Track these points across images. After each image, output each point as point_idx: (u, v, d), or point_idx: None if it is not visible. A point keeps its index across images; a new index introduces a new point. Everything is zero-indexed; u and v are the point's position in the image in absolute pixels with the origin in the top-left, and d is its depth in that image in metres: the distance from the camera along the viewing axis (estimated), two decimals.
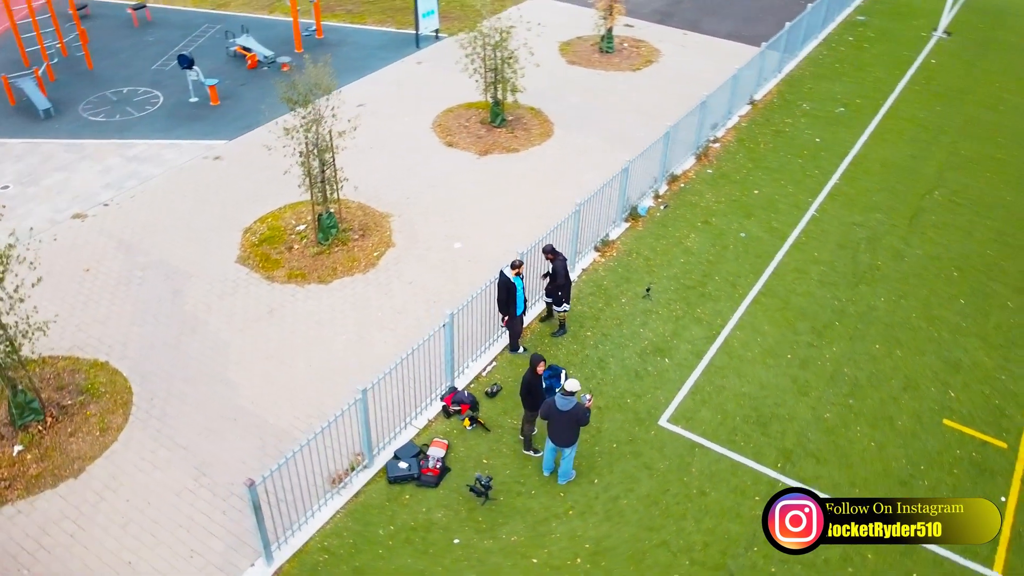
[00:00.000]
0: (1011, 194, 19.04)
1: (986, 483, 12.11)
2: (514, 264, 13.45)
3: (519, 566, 10.77)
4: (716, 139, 20.61)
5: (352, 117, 17.14)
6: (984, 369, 14.12)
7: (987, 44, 27.04)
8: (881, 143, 20.90)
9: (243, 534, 10.94)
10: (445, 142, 20.18)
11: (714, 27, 27.28)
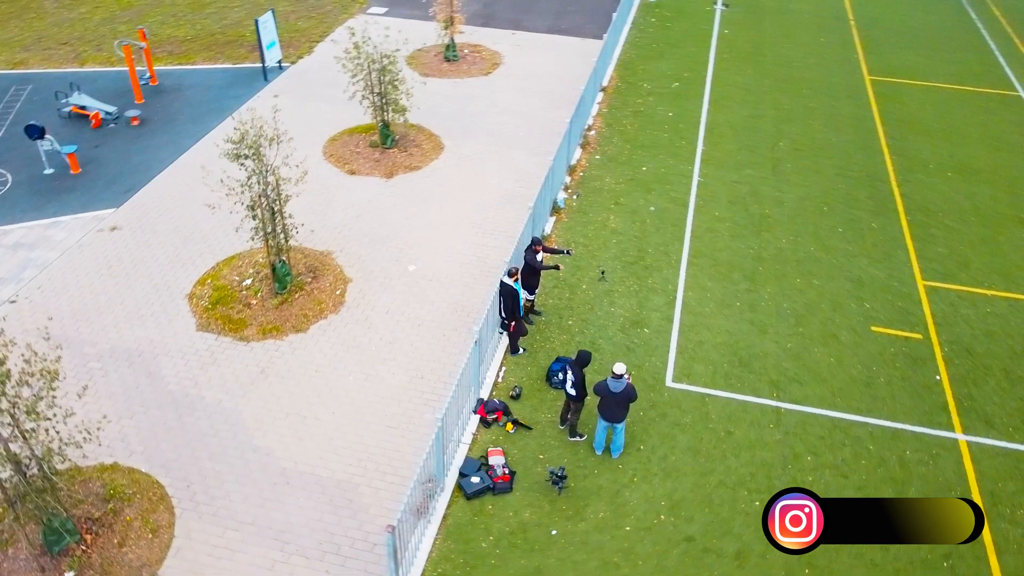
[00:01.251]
0: (833, 135, 22.80)
1: (920, 368, 15.04)
2: (511, 272, 14.34)
3: (616, 537, 11.89)
4: (590, 127, 22.48)
5: (299, 162, 16.83)
6: (879, 280, 17.24)
7: (759, 11, 31.44)
8: (720, 109, 23.96)
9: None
10: (346, 171, 20.22)
11: (535, 24, 29.18)
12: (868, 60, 27.50)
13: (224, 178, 14.98)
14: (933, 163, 21.59)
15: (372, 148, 21.02)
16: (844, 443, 13.51)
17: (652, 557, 11.65)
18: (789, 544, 8.13)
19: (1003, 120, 24.08)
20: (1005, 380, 14.89)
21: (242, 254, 17.11)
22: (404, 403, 13.84)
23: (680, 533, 12.00)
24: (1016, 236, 18.82)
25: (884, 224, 19.05)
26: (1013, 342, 15.75)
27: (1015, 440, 13.71)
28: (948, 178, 20.98)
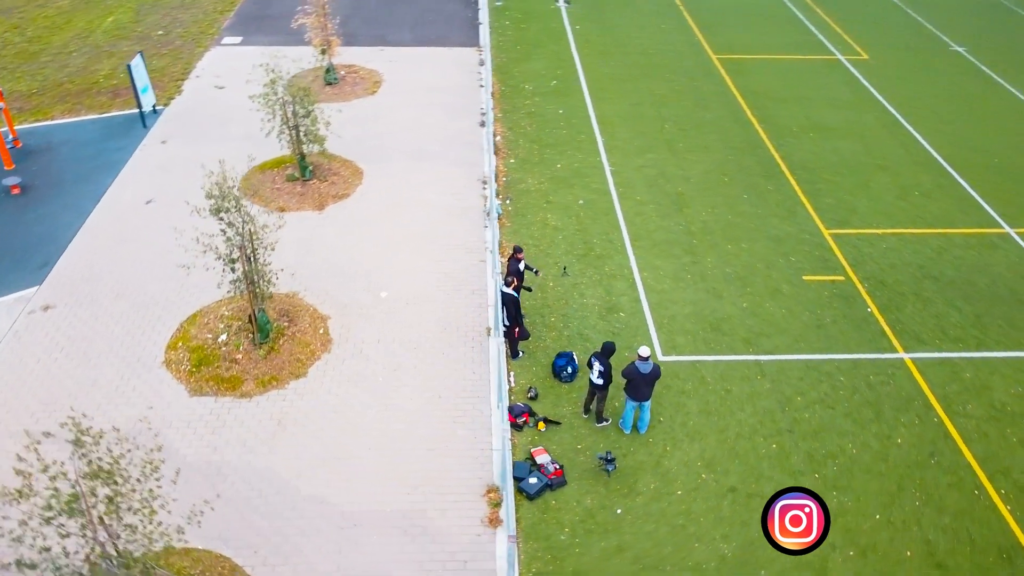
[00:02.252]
0: (705, 113, 25.20)
1: (853, 305, 17.42)
2: (508, 282, 15.01)
3: (672, 502, 13.04)
4: (495, 133, 23.36)
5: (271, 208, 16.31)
6: (792, 235, 19.59)
7: (599, 5, 33.62)
8: (602, 101, 25.66)
9: None
10: (275, 208, 19.73)
11: (399, 38, 29.47)
12: (709, 41, 30.40)
13: (200, 236, 14.40)
14: (795, 127, 24.54)
15: (291, 182, 20.63)
16: (820, 380, 15.50)
17: (708, 512, 12.93)
18: (789, 545, 7.81)
19: (835, 82, 27.69)
20: (918, 302, 17.61)
21: (204, 311, 16.43)
22: (433, 425, 14.15)
23: (723, 486, 13.36)
24: (882, 181, 21.97)
25: (778, 185, 21.54)
26: (912, 269, 18.59)
27: (943, 349, 16.35)
28: (812, 138, 23.97)
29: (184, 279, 17.07)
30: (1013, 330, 16.95)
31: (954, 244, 19.54)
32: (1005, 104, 26.81)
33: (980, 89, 27.79)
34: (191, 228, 18.18)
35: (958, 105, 26.51)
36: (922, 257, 19.00)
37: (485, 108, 24.16)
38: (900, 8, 35.02)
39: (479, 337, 16.02)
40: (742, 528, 12.69)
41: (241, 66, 26.62)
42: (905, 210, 20.74)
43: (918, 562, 12.33)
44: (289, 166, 21.11)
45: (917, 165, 22.81)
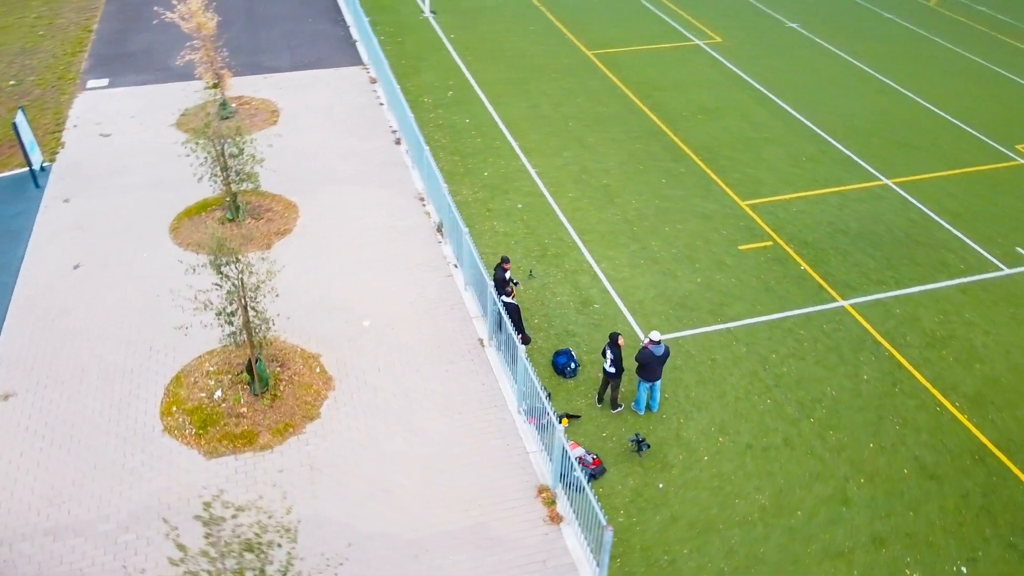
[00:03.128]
0: (601, 107, 26.68)
1: (788, 265, 19.40)
2: (508, 291, 15.56)
3: (703, 468, 14.21)
4: (407, 150, 23.55)
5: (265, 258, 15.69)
6: (716, 211, 21.39)
7: (464, 13, 34.32)
8: (503, 106, 26.48)
9: None
10: None
11: (276, 63, 28.75)
12: (579, 38, 31.99)
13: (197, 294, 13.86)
14: (684, 111, 26.56)
15: (222, 224, 19.87)
16: (784, 336, 17.27)
17: (736, 471, 14.21)
18: None
19: (702, 66, 30.11)
20: (837, 254, 19.89)
21: (186, 370, 15.70)
22: (463, 441, 14.47)
23: (740, 445, 14.70)
24: (773, 152, 24.36)
25: (688, 168, 23.34)
26: (823, 227, 20.90)
27: (871, 293, 18.64)
28: (701, 120, 26.07)
29: (150, 342, 16.25)
30: (918, 266, 19.59)
31: (849, 200, 22.13)
32: (845, 70, 30.31)
33: (821, 59, 31.22)
34: (142, 289, 17.44)
35: (808, 76, 29.68)
36: (828, 215, 21.40)
37: (397, 125, 24.32)
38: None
39: (474, 349, 16.43)
40: (769, 478, 14.07)
41: (119, 109, 25.17)
42: (800, 176, 23.17)
43: (915, 477, 14.24)
44: (217, 208, 20.36)
45: (796, 134, 25.45)
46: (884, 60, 31.31)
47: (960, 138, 25.74)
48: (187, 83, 26.48)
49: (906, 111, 27.37)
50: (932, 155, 24.64)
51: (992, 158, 24.65)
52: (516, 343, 14.26)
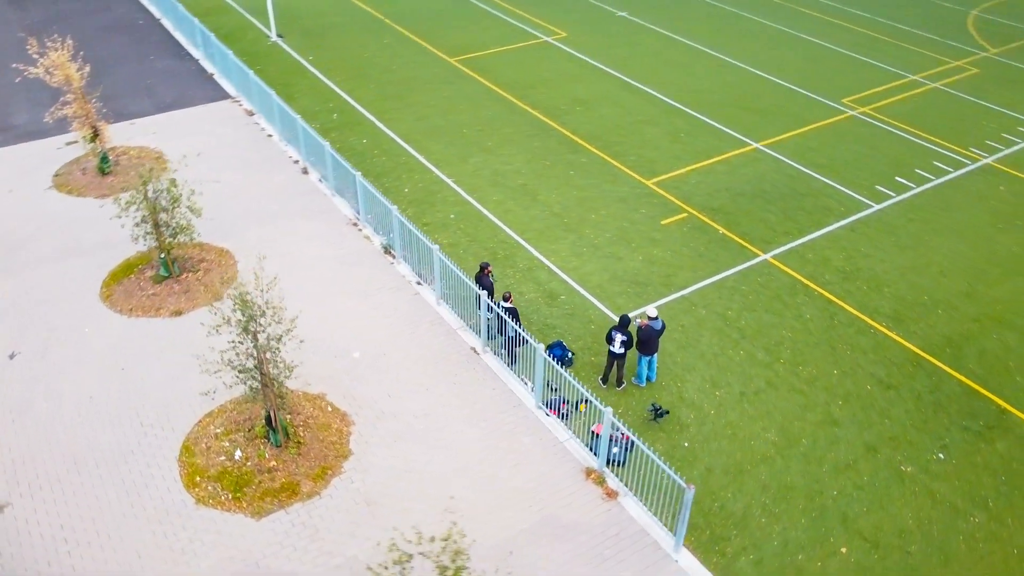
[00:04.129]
0: (484, 111, 27.65)
1: (708, 232, 21.54)
2: (505, 297, 16.27)
3: (714, 421, 15.82)
4: (320, 178, 23.30)
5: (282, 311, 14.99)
6: (629, 192, 23.17)
7: (313, 34, 33.81)
8: (394, 122, 26.69)
9: None
10: (169, 314, 18.00)
11: (138, 108, 26.99)
12: (437, 47, 32.69)
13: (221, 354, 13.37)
14: (561, 105, 28.18)
15: (159, 283, 18.84)
16: (732, 295, 19.32)
17: (741, 418, 15.94)
18: None
19: (559, 61, 31.91)
20: (744, 215, 22.34)
21: (192, 437, 15.00)
22: (500, 445, 15.07)
23: (734, 394, 16.47)
24: (653, 132, 26.59)
25: (588, 157, 24.97)
26: (723, 193, 23.30)
27: (783, 243, 21.19)
28: (579, 111, 27.81)
29: (136, 417, 15.36)
30: (809, 214, 22.48)
31: (733, 166, 24.78)
32: (681, 50, 33.39)
33: (657, 43, 34.12)
34: (101, 364, 16.61)
35: (652, 59, 32.41)
36: (721, 182, 23.87)
37: (298, 155, 23.92)
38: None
39: (470, 358, 17.00)
40: (769, 418, 15.95)
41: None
42: (684, 150, 25.55)
43: (877, 390, 16.71)
44: (146, 267, 19.22)
45: (665, 114, 27.89)
46: (710, 37, 34.80)
47: (798, 99, 29.41)
48: (41, 141, 24.40)
49: (746, 81, 30.76)
50: (782, 117, 28.02)
51: (828, 113, 28.46)
52: (535, 344, 15.07)
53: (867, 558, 13.39)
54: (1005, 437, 15.74)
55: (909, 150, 26.17)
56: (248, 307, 13.11)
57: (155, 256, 19.27)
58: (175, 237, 18.36)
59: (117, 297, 18.51)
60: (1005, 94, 30.62)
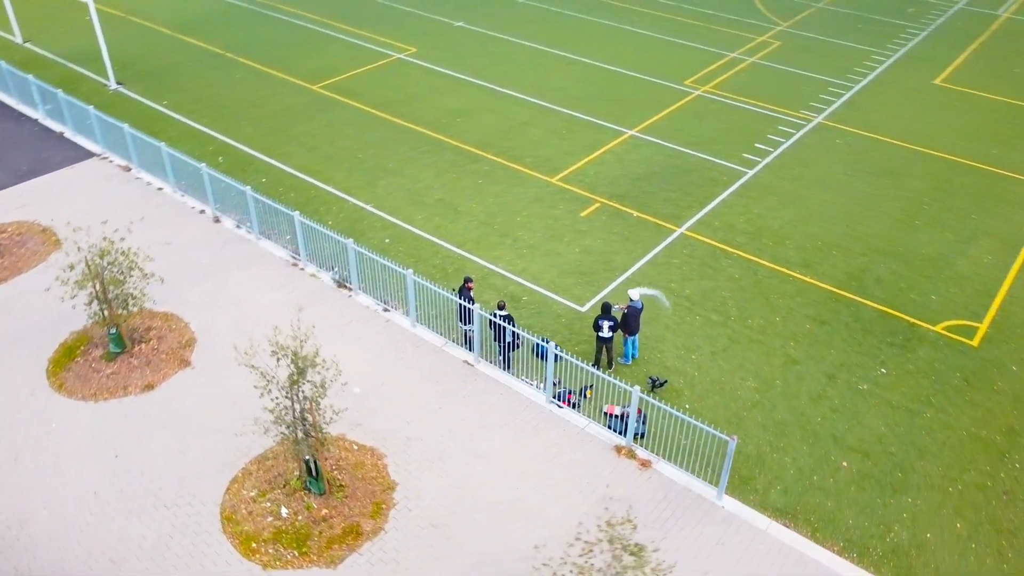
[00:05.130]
0: (371, 133, 27.82)
1: (624, 218, 23.43)
2: (500, 305, 17.07)
3: (700, 381, 17.63)
4: (238, 223, 22.55)
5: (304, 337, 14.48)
6: (541, 192, 24.53)
7: (159, 76, 31.91)
8: (287, 157, 26.16)
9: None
10: (141, 389, 16.97)
11: None
12: (294, 76, 32.14)
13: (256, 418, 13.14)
14: (442, 118, 28.97)
15: (112, 360, 17.64)
16: (667, 269, 21.27)
17: (719, 373, 17.88)
18: None
19: (420, 75, 32.57)
20: (649, 196, 24.48)
21: (228, 507, 14.51)
22: (529, 445, 15.91)
23: (707, 355, 18.40)
24: (537, 132, 28.13)
25: (489, 165, 26.04)
26: (623, 179, 25.33)
27: (690, 216, 23.52)
28: (460, 122, 28.77)
29: (154, 502, 14.60)
30: (701, 187, 25.05)
31: (620, 154, 26.92)
32: (527, 53, 35.23)
33: (504, 48, 35.74)
34: (88, 456, 15.84)
35: (505, 64, 33.97)
36: (616, 169, 25.91)
37: (206, 204, 22.97)
38: (387, 6, 41.02)
39: (467, 372, 17.64)
40: (742, 370, 18.03)
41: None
42: (572, 146, 27.34)
43: (815, 328, 19.35)
44: (90, 347, 17.93)
45: (539, 114, 29.55)
46: (547, 38, 36.97)
47: (647, 86, 32.23)
48: None
49: (596, 75, 33.17)
50: (641, 104, 30.65)
51: (678, 95, 31.50)
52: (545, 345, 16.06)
53: (864, 466, 15.79)
54: (922, 345, 18.92)
55: (755, 119, 29.72)
56: (299, 359, 13.03)
57: (97, 333, 18.07)
58: (126, 308, 17.31)
59: (72, 384, 17.14)
60: (808, 60, 35.41)
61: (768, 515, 14.71)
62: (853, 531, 14.49)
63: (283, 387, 13.31)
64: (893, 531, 14.50)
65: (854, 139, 28.53)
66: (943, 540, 14.36)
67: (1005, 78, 34.41)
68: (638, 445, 15.95)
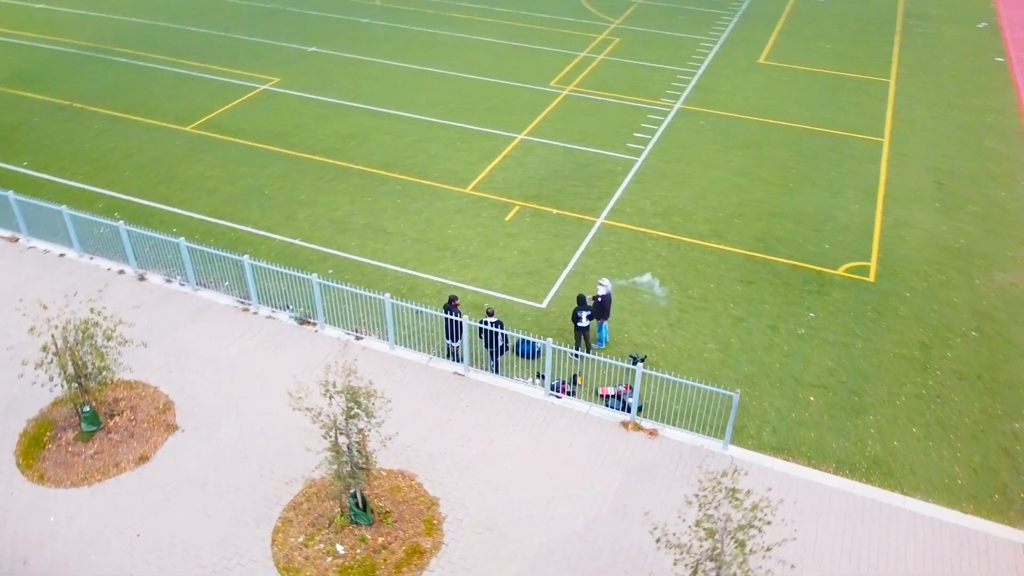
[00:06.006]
0: (268, 168, 27.27)
1: (544, 216, 24.80)
2: (489, 312, 17.88)
3: (668, 350, 19.38)
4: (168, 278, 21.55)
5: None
6: (459, 203, 25.36)
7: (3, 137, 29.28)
8: (185, 203, 25.06)
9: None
10: (133, 464, 16.08)
11: None
12: (162, 119, 30.58)
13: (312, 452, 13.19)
14: (334, 144, 28.90)
15: (88, 440, 16.54)
16: (603, 257, 22.86)
17: (684, 341, 19.69)
18: None
19: (296, 104, 32.12)
20: (561, 194, 26.00)
21: (282, 559, 14.30)
22: (544, 435, 16.86)
23: (665, 326, 20.18)
24: (434, 147, 28.82)
25: (401, 184, 26.43)
26: (531, 180, 26.66)
27: (604, 206, 25.34)
28: (354, 146, 28.86)
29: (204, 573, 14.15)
30: (601, 179, 26.93)
31: (517, 159, 28.24)
32: (392, 72, 35.68)
33: (366, 68, 35.93)
34: (105, 540, 15.32)
35: (375, 84, 34.25)
36: (522, 172, 27.23)
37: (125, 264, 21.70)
38: (235, 39, 39.69)
39: (461, 382, 18.27)
40: (701, 335, 19.96)
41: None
42: (472, 156, 28.31)
43: (745, 288, 21.68)
44: (56, 430, 16.70)
45: (429, 129, 30.25)
46: (406, 55, 37.60)
47: (517, 91, 33.82)
48: None
49: (468, 86, 34.31)
50: (519, 109, 32.16)
51: (549, 97, 33.35)
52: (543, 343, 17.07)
53: (827, 397, 18.19)
54: (833, 288, 21.84)
55: (624, 111, 32.19)
56: (357, 394, 13.21)
57: (59, 415, 16.95)
58: (97, 380, 16.29)
59: (54, 473, 15.94)
60: (649, 52, 38.60)
61: (769, 454, 16.68)
62: (838, 452, 16.77)
63: (337, 425, 13.41)
64: (868, 446, 16.95)
65: (714, 119, 31.72)
66: (908, 445, 16.99)
67: (814, 52, 39.44)
68: (641, 417, 17.38)
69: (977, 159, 29.11)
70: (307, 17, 42.85)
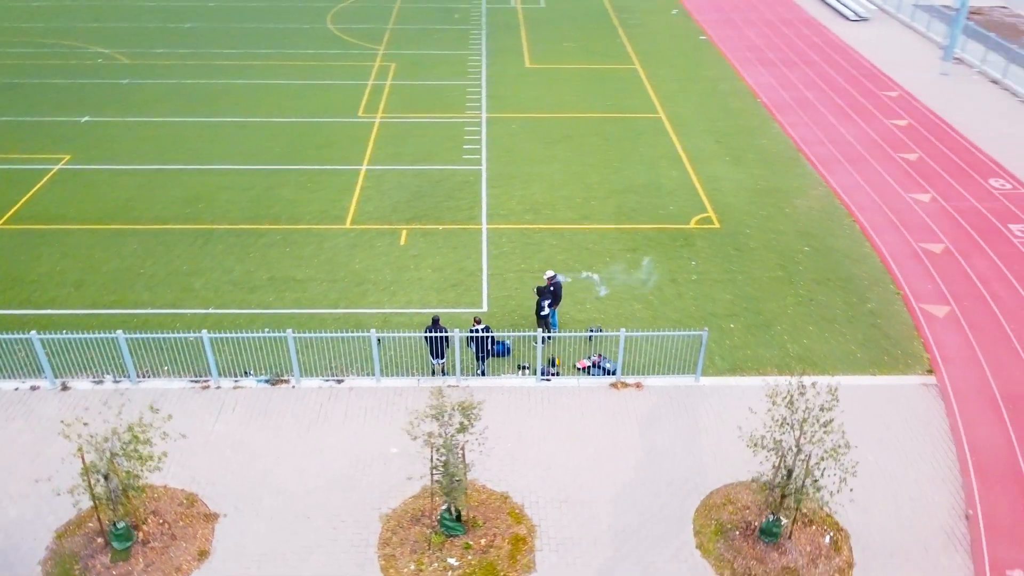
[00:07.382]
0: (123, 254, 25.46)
1: (433, 236, 26.37)
2: (477, 320, 19.33)
3: (616, 317, 22.27)
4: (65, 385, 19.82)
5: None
6: (349, 239, 25.95)
7: None
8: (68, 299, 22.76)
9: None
10: (193, 566, 15.28)
11: None
12: None
13: None
14: (180, 211, 27.58)
15: (127, 559, 15.36)
16: (510, 257, 25.05)
17: (616, 307, 22.72)
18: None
19: (101, 179, 29.75)
20: (435, 210, 27.59)
21: None
22: (558, 415, 18.89)
23: (592, 294, 23.04)
24: (285, 192, 28.73)
25: (281, 235, 26.24)
26: (392, 208, 27.89)
27: (475, 215, 27.47)
28: (203, 207, 27.80)
29: None
30: (460, 190, 28.97)
31: (376, 188, 29.21)
32: (187, 129, 34.20)
33: (158, 130, 34.01)
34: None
35: (177, 144, 32.66)
36: (388, 199, 28.31)
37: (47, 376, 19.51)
38: None
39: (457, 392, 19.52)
40: (624, 302, 23.13)
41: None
42: (330, 192, 28.69)
43: (632, 256, 25.27)
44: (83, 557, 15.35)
45: (271, 175, 29.93)
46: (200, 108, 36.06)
47: (335, 127, 34.40)
48: None
49: (284, 129, 34.06)
50: (347, 142, 32.86)
51: (367, 128, 34.40)
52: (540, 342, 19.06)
53: (742, 322, 22.33)
54: (695, 239, 26.23)
55: (442, 127, 34.41)
56: (466, 408, 14.31)
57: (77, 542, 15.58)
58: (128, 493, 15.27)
59: None
60: (429, 72, 41.00)
61: (730, 375, 20.33)
62: (774, 358, 20.93)
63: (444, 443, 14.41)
64: (789, 347, 21.33)
65: (523, 121, 35.17)
66: (813, 339, 21.65)
67: (564, 51, 44.66)
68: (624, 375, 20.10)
69: (733, 118, 35.80)
70: (52, 87, 38.80)
